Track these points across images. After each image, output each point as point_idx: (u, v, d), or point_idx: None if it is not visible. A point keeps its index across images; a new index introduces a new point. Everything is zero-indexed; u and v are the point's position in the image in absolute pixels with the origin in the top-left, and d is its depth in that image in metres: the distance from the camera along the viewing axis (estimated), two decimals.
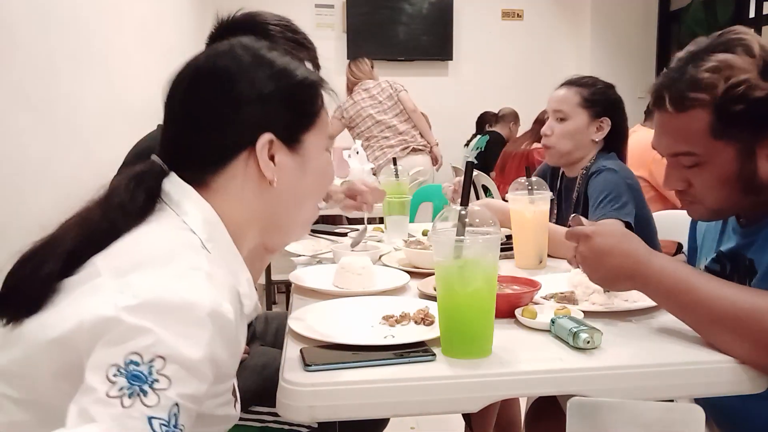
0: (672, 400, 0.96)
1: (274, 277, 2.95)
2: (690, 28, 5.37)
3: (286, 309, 2.02)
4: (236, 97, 0.84)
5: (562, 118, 1.87)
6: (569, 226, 1.16)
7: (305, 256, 1.71)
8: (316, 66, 1.47)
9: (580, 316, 1.07)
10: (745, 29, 1.09)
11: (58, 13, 2.39)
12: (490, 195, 4.15)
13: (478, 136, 5.74)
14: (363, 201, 1.79)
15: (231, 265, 0.83)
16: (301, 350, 0.96)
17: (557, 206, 1.96)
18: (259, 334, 1.62)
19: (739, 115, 1.03)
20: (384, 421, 1.49)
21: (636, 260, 1.03)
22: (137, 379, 0.64)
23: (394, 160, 2.30)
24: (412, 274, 1.44)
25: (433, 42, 6.36)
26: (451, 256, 0.94)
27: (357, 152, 3.27)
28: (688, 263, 1.36)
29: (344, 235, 2.04)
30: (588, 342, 0.97)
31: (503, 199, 1.86)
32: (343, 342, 0.98)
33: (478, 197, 3.91)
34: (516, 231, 1.57)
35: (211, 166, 0.85)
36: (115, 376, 0.64)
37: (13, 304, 0.77)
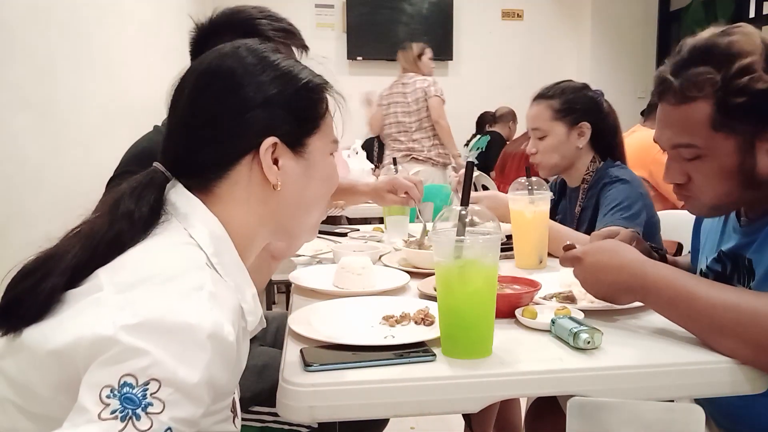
0: (672, 400, 0.96)
1: (274, 277, 2.91)
2: (690, 28, 5.36)
3: (286, 309, 2.02)
4: (241, 101, 0.83)
5: (541, 136, 1.87)
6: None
7: (305, 256, 1.71)
8: (304, 48, 1.42)
9: (581, 317, 1.07)
10: (747, 25, 1.09)
11: (59, 14, 2.39)
12: None
13: (479, 136, 5.74)
14: (412, 196, 1.82)
15: (236, 280, 0.82)
16: (301, 350, 0.96)
17: (562, 216, 1.95)
18: (259, 334, 1.61)
19: (740, 107, 1.03)
20: (384, 421, 1.48)
21: (630, 273, 1.04)
22: (130, 402, 0.64)
23: (394, 160, 2.31)
24: (412, 274, 1.44)
25: (433, 42, 6.31)
26: (451, 256, 0.94)
27: (357, 152, 3.27)
28: (691, 264, 1.36)
29: (344, 235, 2.04)
30: (588, 342, 0.97)
31: None
32: (343, 342, 0.98)
33: None
34: (516, 231, 1.57)
35: (216, 171, 0.84)
36: (108, 397, 0.64)
37: (14, 317, 0.76)
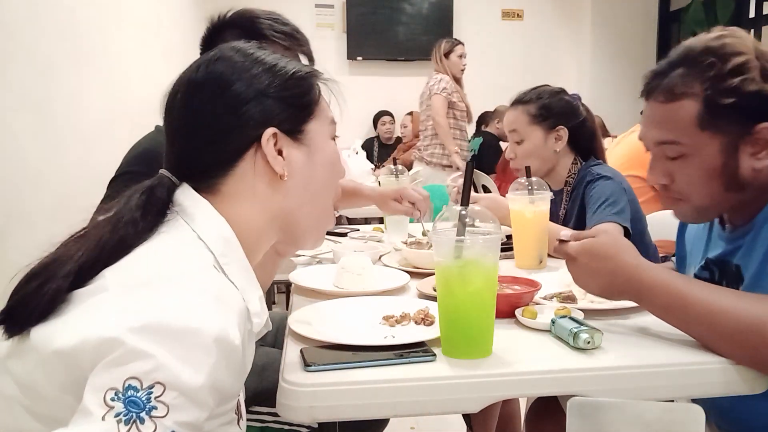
0: (672, 400, 0.96)
1: (275, 277, 2.94)
2: (690, 28, 5.37)
3: (286, 309, 2.02)
4: (234, 98, 0.84)
5: (519, 140, 1.88)
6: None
7: (305, 256, 1.71)
8: (310, 57, 1.46)
9: (581, 316, 1.07)
10: (738, 29, 1.10)
11: (59, 14, 2.39)
12: None
13: (473, 138, 5.73)
14: (419, 207, 1.84)
15: (243, 282, 0.82)
16: (301, 350, 0.96)
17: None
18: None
19: (729, 107, 1.04)
20: (384, 421, 1.49)
21: (625, 278, 1.02)
22: (134, 405, 0.63)
23: (394, 161, 2.31)
24: (412, 274, 1.44)
25: (433, 42, 6.30)
26: (451, 256, 0.94)
27: (357, 152, 3.28)
28: (677, 271, 1.35)
29: (344, 235, 2.04)
30: (588, 342, 0.97)
31: None
32: (343, 342, 0.98)
33: None
34: (516, 231, 1.57)
35: (220, 170, 0.85)
36: (112, 400, 0.63)
37: (19, 319, 0.76)
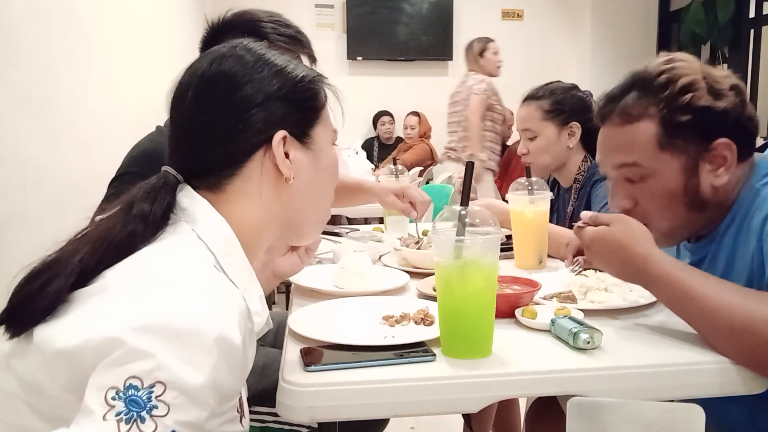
0: (672, 400, 0.96)
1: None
2: (690, 28, 5.37)
3: (286, 309, 2.02)
4: (246, 99, 0.84)
5: (532, 137, 1.88)
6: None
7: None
8: (312, 58, 1.47)
9: (580, 316, 1.07)
10: (685, 54, 1.14)
11: (59, 14, 2.39)
12: None
13: None
14: (416, 208, 1.83)
15: (243, 281, 0.82)
16: (300, 350, 0.97)
17: (555, 216, 1.95)
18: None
19: (686, 125, 1.07)
20: (384, 421, 1.49)
21: (634, 268, 1.03)
22: (135, 405, 0.64)
23: (394, 160, 2.31)
24: (412, 274, 1.44)
25: (433, 42, 6.37)
26: (451, 256, 0.94)
27: (357, 152, 3.28)
28: None
29: (344, 235, 2.04)
30: (588, 342, 0.97)
31: (503, 199, 1.86)
32: (343, 342, 0.98)
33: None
34: (516, 231, 1.57)
35: (227, 170, 0.85)
36: (113, 399, 0.64)
37: (21, 319, 0.76)
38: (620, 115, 1.12)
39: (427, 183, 4.92)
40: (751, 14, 5.22)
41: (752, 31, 5.21)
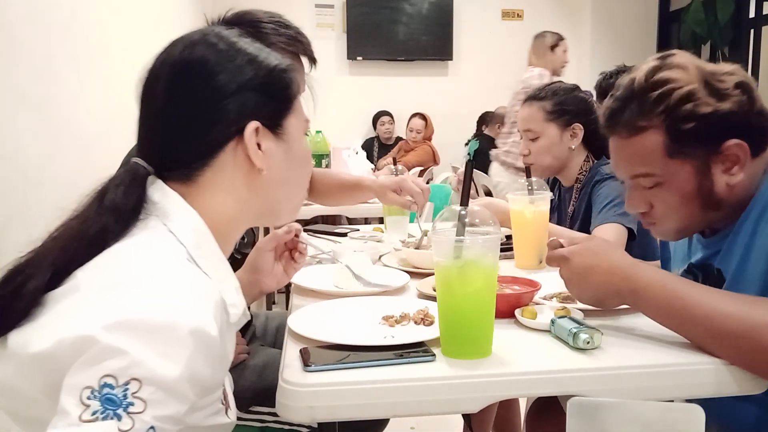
0: (672, 400, 0.96)
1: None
2: (690, 28, 5.36)
3: (286, 309, 2.02)
4: (219, 89, 0.82)
5: (534, 138, 1.87)
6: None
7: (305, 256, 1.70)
8: (312, 60, 1.46)
9: (580, 316, 1.07)
10: (681, 53, 1.12)
11: (59, 14, 2.39)
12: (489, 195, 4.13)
13: (470, 141, 5.72)
14: (416, 201, 1.79)
15: (217, 273, 0.82)
16: (300, 350, 0.96)
17: (556, 216, 1.95)
18: (259, 334, 1.62)
19: (690, 132, 1.05)
20: (384, 421, 1.49)
21: (622, 276, 1.02)
22: (111, 403, 0.63)
23: (394, 160, 2.31)
24: (411, 274, 1.44)
25: (433, 42, 6.37)
26: (451, 256, 0.94)
27: (356, 152, 3.28)
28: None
29: (344, 235, 2.04)
30: (588, 342, 0.97)
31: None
32: (343, 342, 0.98)
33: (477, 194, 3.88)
34: (516, 231, 1.57)
35: (199, 161, 0.83)
36: (88, 398, 0.63)
37: None
38: (625, 127, 1.11)
39: (427, 183, 4.90)
40: (751, 14, 5.21)
41: (752, 31, 5.20)
